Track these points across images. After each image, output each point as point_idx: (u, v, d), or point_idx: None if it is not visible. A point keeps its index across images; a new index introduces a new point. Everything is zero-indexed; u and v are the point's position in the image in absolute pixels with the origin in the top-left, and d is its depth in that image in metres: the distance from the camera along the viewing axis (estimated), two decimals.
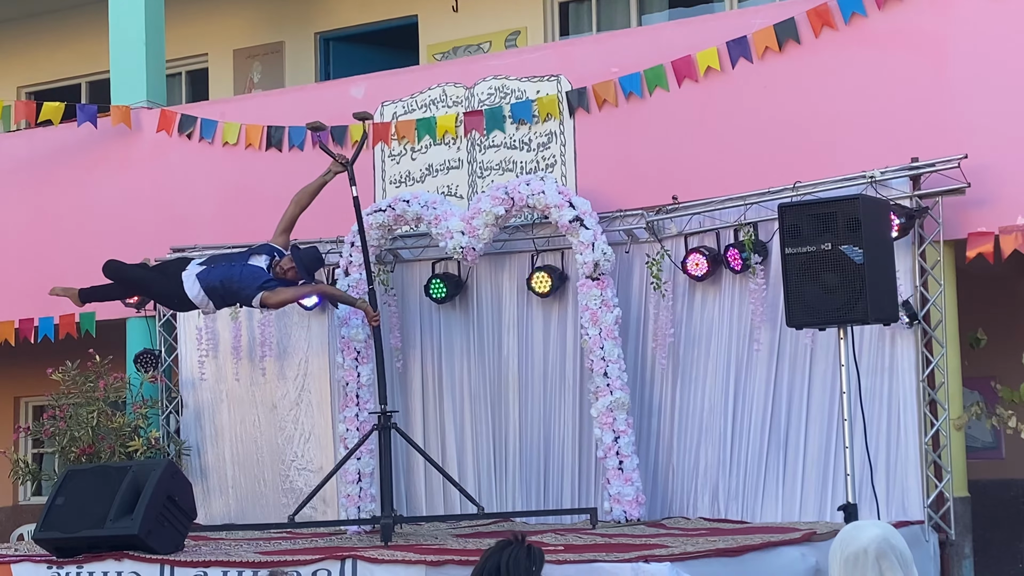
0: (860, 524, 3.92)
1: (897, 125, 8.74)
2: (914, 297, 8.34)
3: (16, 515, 13.23)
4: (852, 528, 3.90)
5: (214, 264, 8.94)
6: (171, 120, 11.02)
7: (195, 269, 8.91)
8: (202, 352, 10.41)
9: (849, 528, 3.92)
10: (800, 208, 7.47)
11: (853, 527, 3.90)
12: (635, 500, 8.90)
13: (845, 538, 3.86)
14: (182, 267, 8.98)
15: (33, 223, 11.62)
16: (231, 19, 13.64)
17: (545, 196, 9.22)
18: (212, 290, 8.84)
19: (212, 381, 10.46)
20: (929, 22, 8.78)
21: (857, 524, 3.93)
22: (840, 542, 3.88)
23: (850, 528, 3.91)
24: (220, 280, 8.80)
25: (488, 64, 10.32)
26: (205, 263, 8.98)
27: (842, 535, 3.91)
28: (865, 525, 3.88)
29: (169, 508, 7.55)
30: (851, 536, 3.83)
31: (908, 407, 8.36)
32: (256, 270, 8.79)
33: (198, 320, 10.39)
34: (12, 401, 13.89)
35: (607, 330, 9.08)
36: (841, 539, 3.89)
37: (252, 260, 8.85)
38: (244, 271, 8.78)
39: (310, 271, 8.94)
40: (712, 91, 9.37)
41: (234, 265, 8.84)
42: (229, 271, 8.80)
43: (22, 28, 14.56)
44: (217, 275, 8.81)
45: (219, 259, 9.05)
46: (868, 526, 3.86)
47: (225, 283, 8.79)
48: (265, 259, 8.84)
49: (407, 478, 9.94)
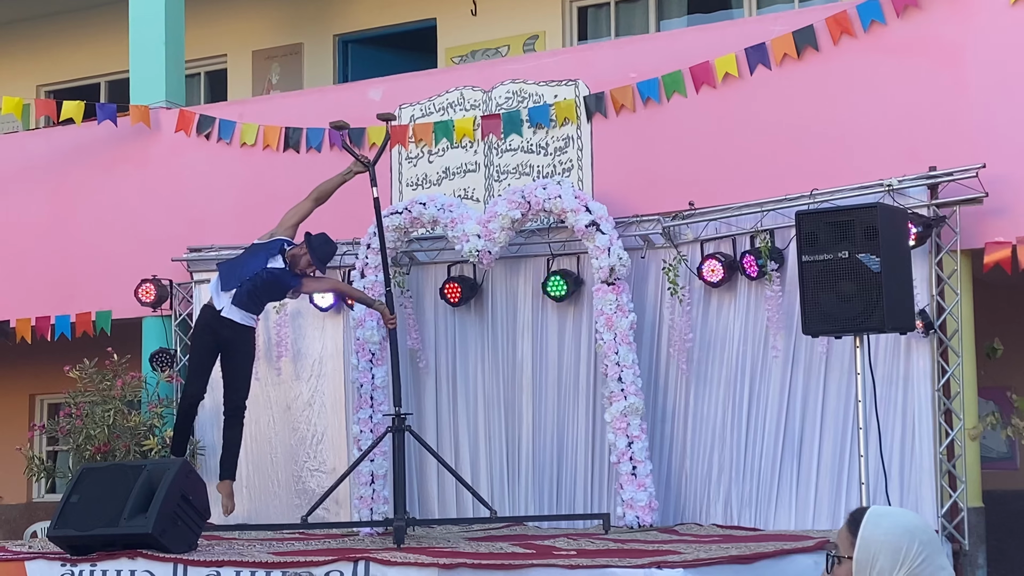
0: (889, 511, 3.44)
1: (915, 133, 8.72)
2: (930, 306, 8.31)
3: (30, 512, 13.27)
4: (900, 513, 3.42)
5: (240, 285, 8.70)
6: (190, 120, 11.05)
7: (225, 301, 8.69)
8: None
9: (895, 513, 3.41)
10: (817, 216, 7.46)
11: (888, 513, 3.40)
12: (648, 506, 8.89)
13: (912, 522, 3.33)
14: (213, 317, 8.74)
15: (51, 221, 11.66)
16: (250, 20, 13.68)
17: (562, 200, 9.22)
18: (251, 303, 8.75)
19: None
20: (948, 30, 8.76)
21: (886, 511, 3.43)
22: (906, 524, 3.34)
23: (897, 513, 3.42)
24: (249, 294, 8.70)
25: (506, 68, 10.33)
26: (228, 288, 8.70)
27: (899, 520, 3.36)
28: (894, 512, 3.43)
29: (183, 507, 7.55)
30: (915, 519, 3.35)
31: (923, 416, 8.33)
32: (280, 275, 8.73)
33: None
34: (28, 398, 13.94)
35: (622, 335, 9.08)
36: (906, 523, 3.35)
37: (271, 263, 8.75)
38: (268, 278, 8.71)
39: (323, 261, 8.78)
40: (730, 97, 9.36)
41: (257, 275, 8.71)
42: (254, 285, 8.69)
43: (42, 27, 14.62)
44: (245, 292, 8.69)
45: (235, 271, 8.78)
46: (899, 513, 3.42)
47: (254, 295, 8.73)
48: (280, 259, 8.77)
49: (420, 481, 9.94)
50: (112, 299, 11.07)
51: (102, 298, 11.17)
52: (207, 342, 8.82)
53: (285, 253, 8.74)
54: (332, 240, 8.87)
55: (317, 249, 8.68)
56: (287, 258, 8.72)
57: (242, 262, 8.86)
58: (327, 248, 8.77)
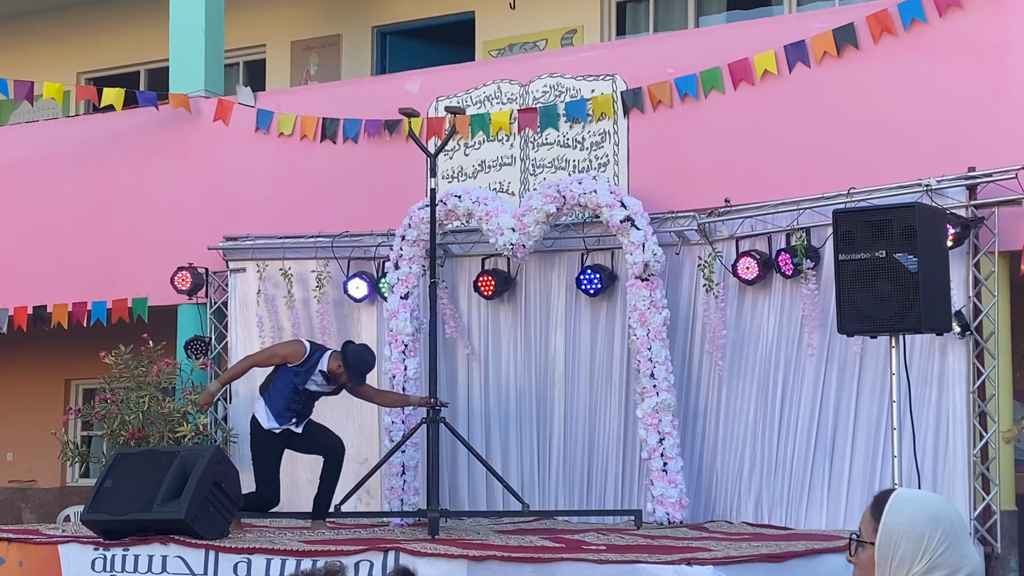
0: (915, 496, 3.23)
1: (954, 133, 8.67)
2: (967, 307, 8.26)
3: (64, 496, 13.38)
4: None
5: (295, 416, 8.66)
6: (228, 109, 11.09)
7: (284, 423, 8.65)
8: (263, 340, 10.38)
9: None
10: (855, 215, 7.42)
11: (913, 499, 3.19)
12: (679, 502, 8.88)
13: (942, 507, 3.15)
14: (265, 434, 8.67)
15: (89, 208, 11.73)
16: (290, 11, 13.72)
17: (597, 195, 9.21)
18: (305, 413, 8.73)
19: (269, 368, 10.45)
20: (990, 30, 8.69)
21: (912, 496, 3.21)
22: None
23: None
24: (302, 415, 8.69)
25: (544, 62, 10.32)
26: (283, 424, 8.64)
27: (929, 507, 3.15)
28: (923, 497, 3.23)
29: (215, 494, 7.60)
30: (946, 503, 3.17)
31: (957, 418, 8.28)
32: (325, 393, 8.76)
33: (258, 308, 10.45)
34: (63, 383, 14.05)
35: (655, 331, 9.06)
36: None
37: (313, 386, 8.63)
38: (314, 399, 8.74)
39: (361, 377, 8.62)
40: (768, 94, 9.32)
41: (307, 404, 8.70)
42: (305, 407, 8.69)
43: (82, 14, 14.70)
44: (302, 416, 8.69)
45: (281, 403, 8.65)
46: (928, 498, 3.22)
47: (306, 412, 8.72)
48: (320, 377, 8.62)
49: (450, 472, 9.96)
50: (148, 286, 11.13)
51: (138, 285, 11.24)
52: (275, 448, 8.69)
53: (324, 371, 8.62)
54: (368, 352, 8.76)
55: (355, 368, 8.54)
56: (328, 372, 8.61)
57: (284, 393, 8.62)
58: (364, 367, 8.63)
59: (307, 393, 8.66)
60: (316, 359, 8.59)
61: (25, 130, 12.71)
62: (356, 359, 8.53)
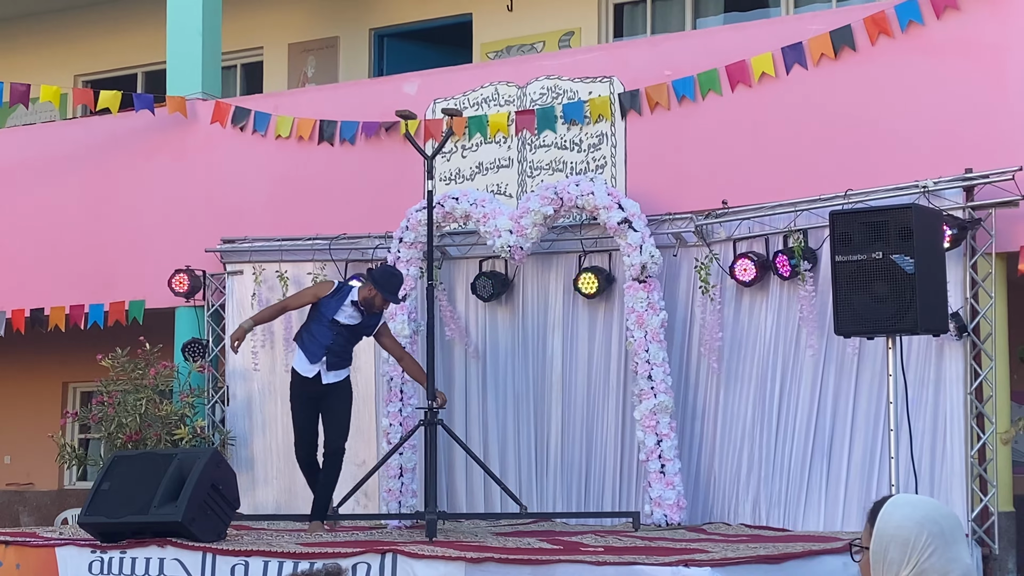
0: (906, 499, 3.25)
1: (952, 135, 8.67)
2: (964, 309, 8.27)
3: (61, 499, 13.38)
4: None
5: (326, 352, 8.63)
6: (225, 112, 11.09)
7: (318, 369, 8.62)
8: (256, 344, 10.38)
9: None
10: (852, 216, 7.42)
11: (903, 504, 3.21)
12: (676, 504, 8.88)
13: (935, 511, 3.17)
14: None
15: (86, 210, 11.72)
16: (287, 13, 13.72)
17: (594, 197, 9.21)
18: (341, 360, 8.69)
19: (265, 371, 10.47)
20: (987, 32, 8.70)
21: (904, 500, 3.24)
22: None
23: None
24: (337, 355, 8.66)
25: (541, 64, 10.32)
26: (315, 361, 8.62)
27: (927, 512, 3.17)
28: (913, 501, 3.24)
29: (213, 497, 7.60)
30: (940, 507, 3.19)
31: (955, 419, 8.29)
32: (358, 328, 8.70)
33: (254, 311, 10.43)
34: (60, 386, 14.04)
35: (653, 333, 9.07)
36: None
37: (343, 317, 8.58)
38: (348, 334, 8.68)
39: (394, 293, 8.56)
40: (765, 96, 9.33)
41: (338, 334, 8.63)
42: (338, 345, 8.64)
43: (79, 17, 14.71)
44: (334, 355, 8.65)
45: (314, 342, 8.64)
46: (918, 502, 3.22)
47: (342, 353, 8.68)
48: (352, 308, 8.60)
49: (448, 474, 9.96)
50: (145, 289, 11.13)
51: (136, 287, 11.24)
52: (307, 405, 8.71)
53: (356, 301, 8.61)
54: (394, 268, 8.78)
55: (383, 283, 8.49)
56: (361, 303, 8.60)
57: (317, 331, 8.63)
58: (393, 280, 8.60)
59: (337, 327, 8.58)
60: (347, 290, 8.66)
61: (23, 133, 12.72)
62: (383, 275, 8.56)
